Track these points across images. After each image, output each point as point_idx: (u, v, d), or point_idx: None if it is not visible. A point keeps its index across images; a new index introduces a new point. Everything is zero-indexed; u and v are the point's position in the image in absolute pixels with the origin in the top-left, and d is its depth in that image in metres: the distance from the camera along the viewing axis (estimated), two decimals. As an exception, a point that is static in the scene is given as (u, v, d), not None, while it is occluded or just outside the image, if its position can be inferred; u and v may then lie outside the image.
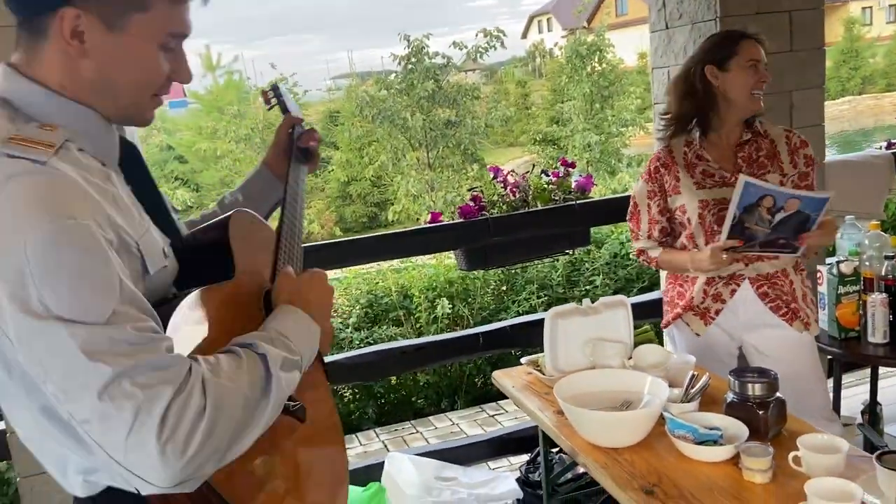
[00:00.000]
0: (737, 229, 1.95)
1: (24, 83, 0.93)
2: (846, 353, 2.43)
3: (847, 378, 3.32)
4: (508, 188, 2.88)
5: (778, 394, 1.62)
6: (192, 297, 1.00)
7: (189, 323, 0.97)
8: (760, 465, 1.43)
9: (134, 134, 1.26)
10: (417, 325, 4.60)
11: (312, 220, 15.06)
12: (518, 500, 2.67)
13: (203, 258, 1.14)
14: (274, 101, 1.61)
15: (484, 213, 2.80)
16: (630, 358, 1.94)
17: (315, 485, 1.14)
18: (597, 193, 3.79)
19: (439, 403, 4.62)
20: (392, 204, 14.37)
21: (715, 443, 1.54)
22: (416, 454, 2.72)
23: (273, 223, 1.40)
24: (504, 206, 2.86)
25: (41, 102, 0.93)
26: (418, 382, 4.56)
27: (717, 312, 2.18)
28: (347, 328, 4.45)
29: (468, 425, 4.24)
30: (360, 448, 4.10)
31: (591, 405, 1.66)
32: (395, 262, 5.17)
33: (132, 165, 1.05)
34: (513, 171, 3.03)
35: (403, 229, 3.05)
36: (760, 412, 1.59)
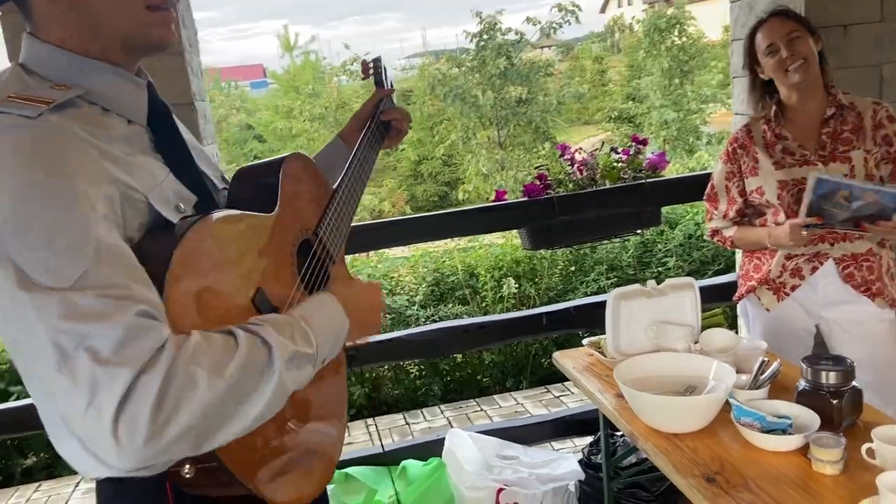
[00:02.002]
0: (815, 209, 1.93)
1: (37, 45, 0.93)
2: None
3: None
4: (575, 166, 2.82)
5: (854, 383, 1.54)
6: (218, 220, 0.91)
7: (211, 250, 0.89)
8: (831, 457, 1.36)
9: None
10: (483, 305, 4.59)
11: (384, 198, 15.24)
12: (580, 481, 2.64)
13: (251, 192, 1.09)
14: (372, 72, 1.61)
15: (549, 191, 2.76)
16: (696, 342, 1.88)
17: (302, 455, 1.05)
18: (673, 172, 3.67)
19: (504, 382, 4.62)
20: (463, 183, 14.36)
21: (783, 432, 1.47)
22: (479, 432, 2.73)
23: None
24: (571, 185, 2.80)
25: (53, 61, 0.92)
26: (483, 361, 4.57)
27: (794, 288, 2.12)
28: (414, 305, 4.48)
29: (532, 405, 4.22)
30: (424, 423, 4.15)
31: (653, 389, 1.62)
32: (463, 241, 5.16)
33: (162, 124, 1.01)
34: (580, 148, 2.97)
35: (466, 207, 3.03)
36: (834, 401, 1.51)
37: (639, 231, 2.95)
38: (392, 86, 1.62)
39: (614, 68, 20.82)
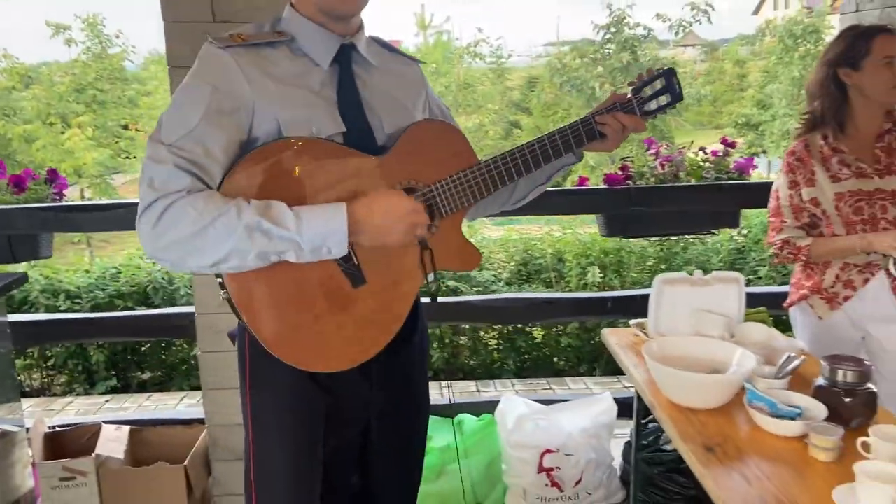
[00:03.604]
0: None
1: (287, 5, 1.41)
2: None
3: None
4: (658, 161, 2.93)
5: (870, 385, 1.61)
6: (305, 142, 1.29)
7: (291, 160, 1.27)
8: (826, 444, 1.46)
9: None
10: (567, 289, 4.73)
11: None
12: (624, 460, 2.79)
13: (391, 140, 1.41)
14: (645, 80, 1.49)
15: (629, 182, 2.88)
16: (733, 336, 1.98)
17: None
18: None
19: (578, 367, 4.75)
20: (571, 174, 14.28)
21: (791, 420, 1.57)
22: (536, 400, 2.90)
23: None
24: (652, 179, 2.91)
25: (287, 15, 1.39)
26: (560, 343, 4.72)
27: (846, 299, 2.16)
28: (500, 282, 4.69)
29: (601, 390, 4.32)
30: (494, 393, 4.36)
31: (679, 368, 1.75)
32: (556, 228, 5.30)
33: (343, 72, 1.39)
34: (668, 145, 3.06)
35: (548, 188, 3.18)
36: (847, 399, 1.59)
37: (714, 231, 3.02)
38: (664, 105, 1.50)
39: (754, 74, 19.92)
